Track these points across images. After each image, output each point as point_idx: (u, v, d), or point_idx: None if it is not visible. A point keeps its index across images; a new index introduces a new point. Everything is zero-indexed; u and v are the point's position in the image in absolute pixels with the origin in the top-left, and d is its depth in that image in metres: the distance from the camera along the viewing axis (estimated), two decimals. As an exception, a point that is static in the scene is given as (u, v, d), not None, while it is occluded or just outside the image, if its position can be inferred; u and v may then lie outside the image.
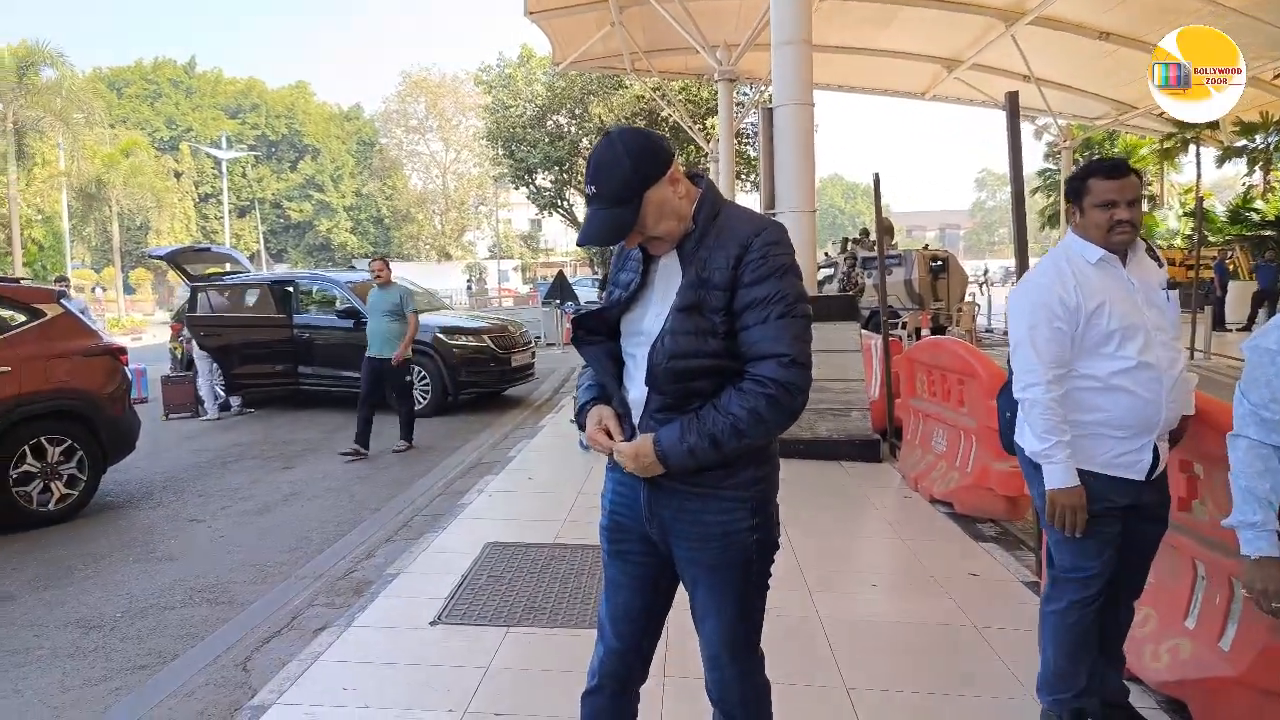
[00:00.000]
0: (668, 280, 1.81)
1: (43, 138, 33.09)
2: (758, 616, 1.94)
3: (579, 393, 2.01)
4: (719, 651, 1.91)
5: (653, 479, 1.81)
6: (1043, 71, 19.35)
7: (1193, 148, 27.45)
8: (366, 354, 7.63)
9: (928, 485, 5.49)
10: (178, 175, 51.91)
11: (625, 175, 1.72)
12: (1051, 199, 36.88)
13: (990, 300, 21.67)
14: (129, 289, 42.30)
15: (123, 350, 6.72)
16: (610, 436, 1.84)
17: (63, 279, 13.76)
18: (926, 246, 17.85)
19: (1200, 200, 17.27)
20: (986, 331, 18.13)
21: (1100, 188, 2.45)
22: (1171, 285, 2.62)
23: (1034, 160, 38.30)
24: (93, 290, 32.63)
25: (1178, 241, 28.12)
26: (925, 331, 13.80)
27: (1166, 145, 28.73)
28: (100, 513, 5.99)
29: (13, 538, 5.35)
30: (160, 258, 11.98)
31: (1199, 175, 27.56)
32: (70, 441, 5.83)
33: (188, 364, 10.87)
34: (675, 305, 1.75)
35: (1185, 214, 29.48)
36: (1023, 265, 4.24)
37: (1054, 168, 35.47)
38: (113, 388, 6.19)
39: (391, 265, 8.15)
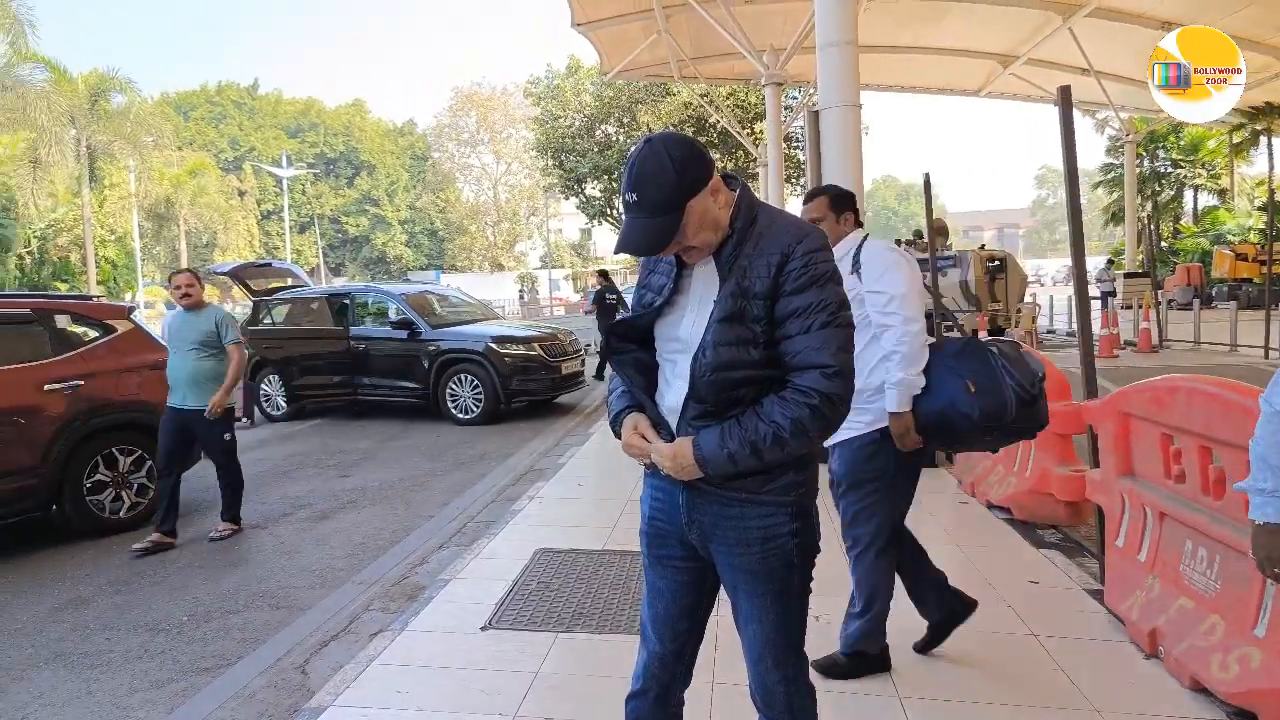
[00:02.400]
0: (705, 287, 1.80)
1: (114, 161, 34.52)
2: (800, 621, 1.92)
3: (611, 400, 1.99)
4: (762, 656, 1.89)
5: (692, 484, 1.81)
6: (1102, 64, 18.84)
7: (1263, 140, 26.34)
8: (168, 403, 5.62)
9: (984, 490, 5.36)
10: (241, 194, 53.67)
11: (669, 184, 1.67)
12: (1114, 194, 35.77)
13: (1051, 301, 21.07)
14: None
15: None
16: (646, 441, 1.84)
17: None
18: (983, 246, 17.44)
19: (1272, 194, 16.57)
20: (1048, 333, 17.64)
21: None
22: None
23: (1096, 155, 37.39)
24: (165, 306, 33.91)
25: (1251, 237, 26.98)
26: (982, 334, 13.48)
27: (1236, 138, 27.65)
28: (168, 520, 6.19)
29: (86, 544, 5.58)
30: (224, 274, 12.37)
31: (1270, 168, 26.44)
32: (140, 452, 6.05)
33: (251, 374, 11.20)
34: (716, 315, 1.73)
35: (1258, 208, 28.29)
36: (1079, 265, 4.13)
37: (1117, 162, 34.44)
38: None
39: (444, 276, 8.14)
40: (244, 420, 10.71)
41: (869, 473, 3.04)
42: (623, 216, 1.80)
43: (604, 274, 14.70)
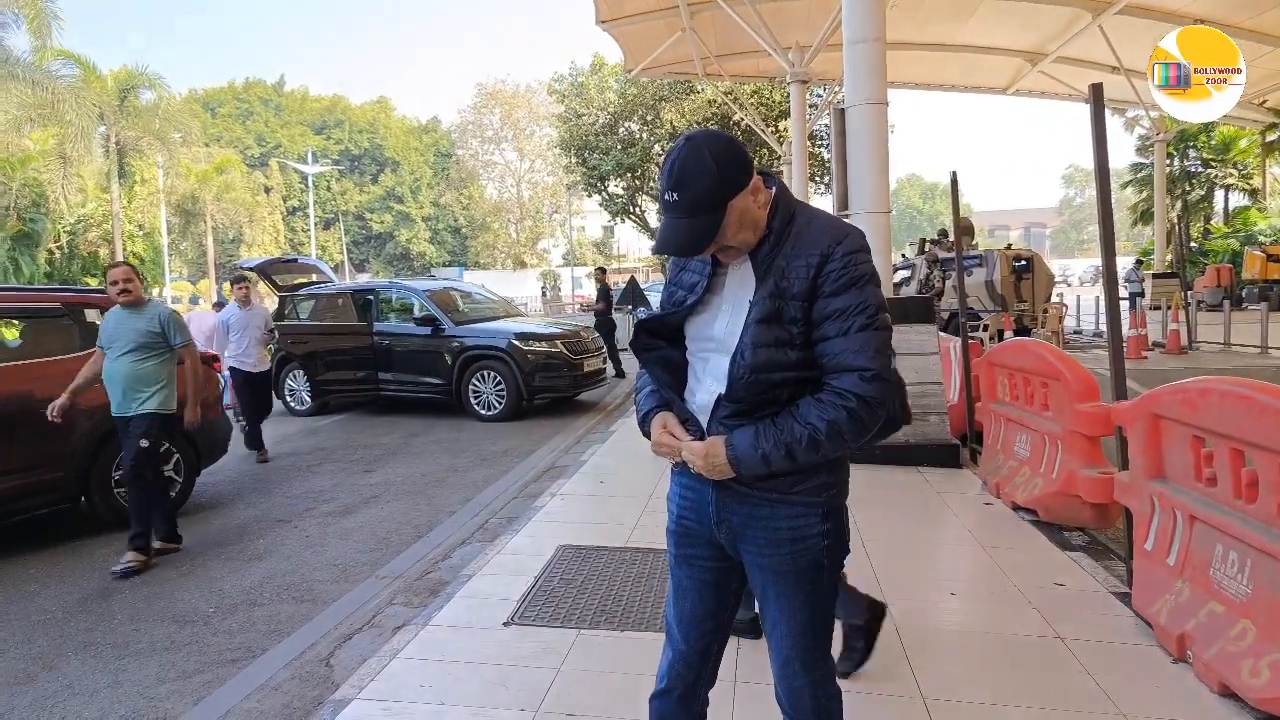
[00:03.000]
0: (740, 286, 1.78)
1: (142, 157, 34.99)
2: (829, 623, 1.90)
3: (639, 399, 1.98)
4: (790, 658, 1.88)
5: (722, 484, 1.80)
6: (1133, 62, 18.56)
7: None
8: (114, 413, 5.15)
9: (1010, 492, 5.30)
10: (267, 190, 54.26)
11: (710, 184, 1.63)
12: (1144, 194, 35.27)
13: (1079, 301, 20.80)
14: (222, 300, 44.37)
15: (215, 358, 7.04)
16: (676, 439, 1.83)
17: (219, 303, 14.89)
18: (1009, 246, 17.24)
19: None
20: (1075, 334, 17.42)
21: None
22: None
23: (1125, 154, 36.95)
24: (190, 301, 34.35)
25: (1285, 237, 26.47)
26: (1008, 334, 13.33)
27: (1269, 137, 27.15)
28: (194, 513, 6.28)
29: (115, 537, 5.65)
30: (250, 269, 12.49)
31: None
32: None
33: (277, 370, 11.31)
34: (754, 317, 1.71)
35: (1291, 208, 27.75)
36: (1110, 265, 4.07)
37: (1146, 162, 33.94)
38: (206, 393, 6.48)
39: (467, 273, 8.23)
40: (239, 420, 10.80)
41: None
42: (644, 215, 1.80)
43: (602, 270, 15.34)
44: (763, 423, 1.71)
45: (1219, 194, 35.37)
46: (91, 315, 6.13)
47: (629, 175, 33.28)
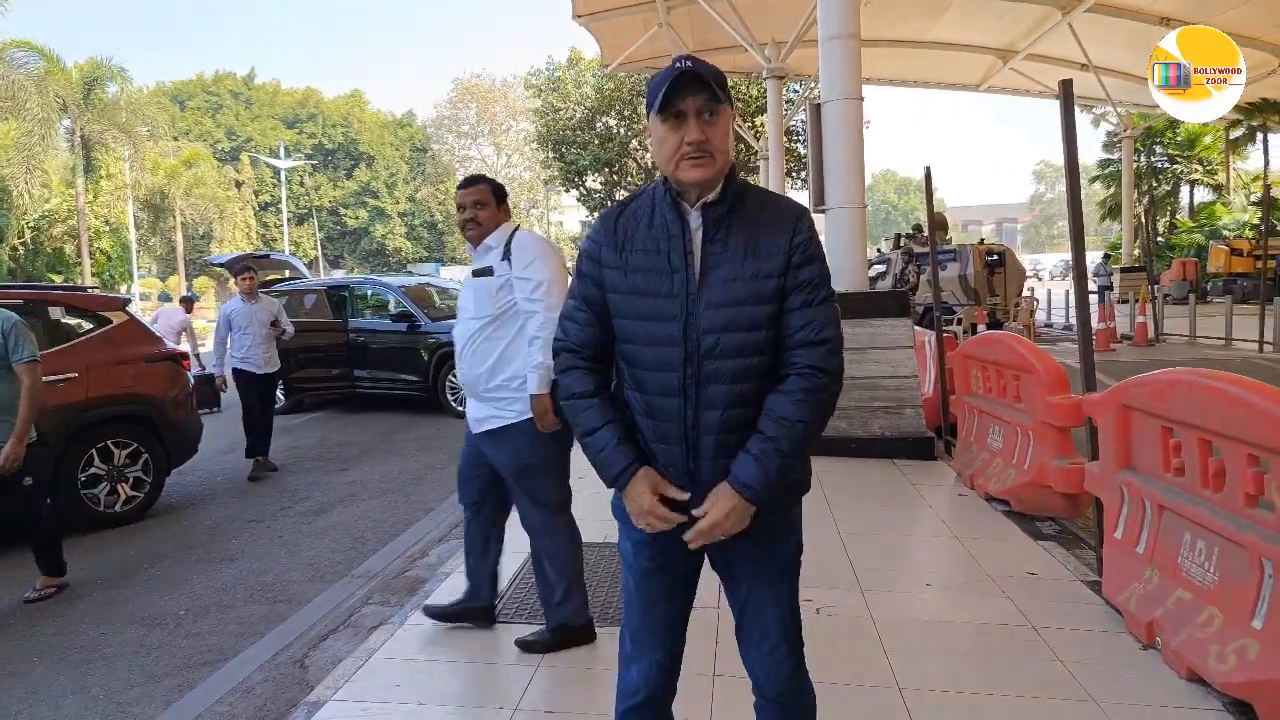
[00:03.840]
0: (726, 264, 1.71)
1: (108, 151, 34.34)
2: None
3: (591, 440, 1.80)
4: (779, 643, 1.87)
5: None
6: (1101, 59, 18.83)
7: (1260, 135, 26.33)
8: None
9: (984, 483, 5.36)
10: (238, 185, 53.44)
11: (720, 73, 1.70)
12: (1111, 189, 35.78)
13: (1049, 295, 21.07)
14: (191, 296, 43.73)
15: (185, 356, 6.95)
16: (671, 504, 1.73)
17: (187, 299, 14.38)
18: (982, 241, 17.43)
19: (1268, 189, 16.58)
20: (1046, 327, 17.64)
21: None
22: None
23: (1093, 150, 37.41)
24: (160, 298, 33.84)
25: (1246, 232, 27.00)
26: (981, 328, 13.49)
27: (1233, 133, 27.66)
28: (165, 514, 6.19)
29: (81, 538, 5.56)
30: (221, 265, 12.35)
31: (1266, 163, 26.45)
32: (136, 445, 6.03)
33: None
34: (727, 299, 1.68)
35: (1253, 203, 28.30)
36: (1079, 259, 4.12)
37: (1114, 158, 34.43)
38: (175, 392, 6.39)
39: (443, 269, 8.11)
40: (212, 409, 10.74)
41: (535, 457, 3.22)
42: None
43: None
44: (757, 446, 1.68)
45: (1185, 189, 35.99)
46: (56, 313, 6.01)
47: (606, 170, 33.19)
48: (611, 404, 1.82)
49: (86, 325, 6.11)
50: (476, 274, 3.23)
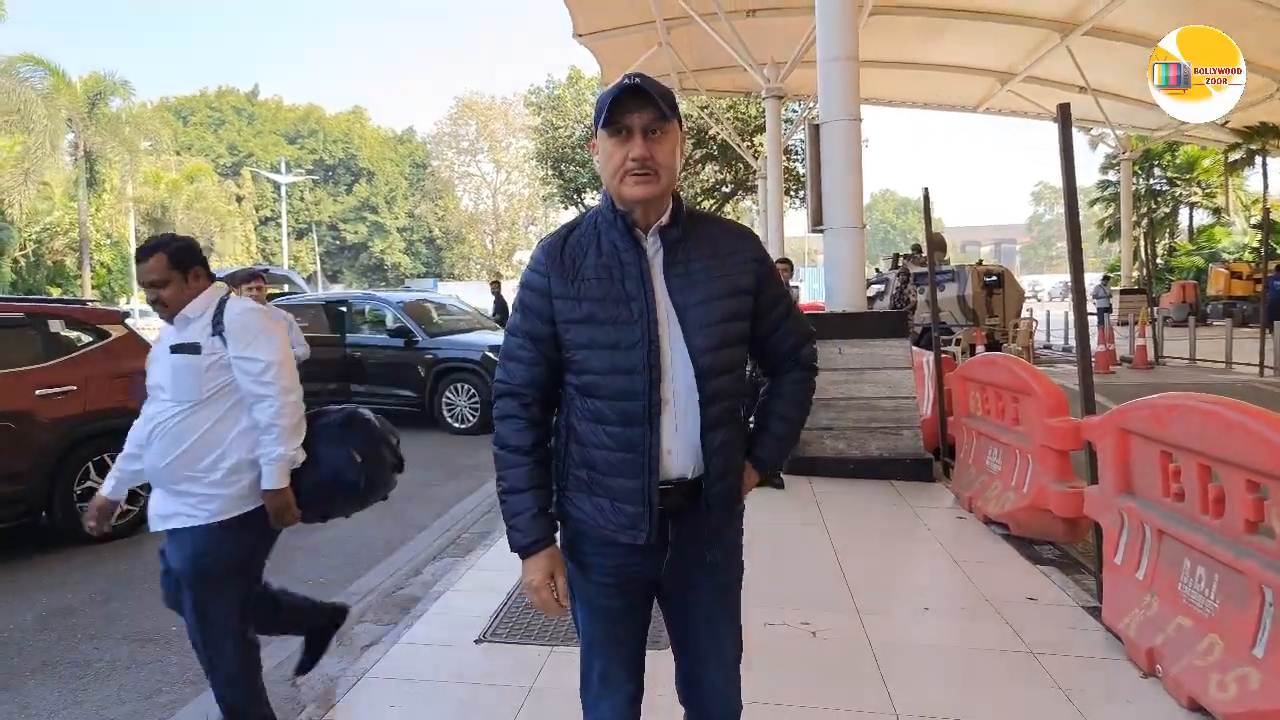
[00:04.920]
0: (702, 285, 1.73)
1: (111, 164, 34.48)
2: None
3: (512, 500, 1.78)
4: (733, 671, 1.91)
5: (682, 524, 1.77)
6: (1099, 82, 18.97)
7: (1259, 158, 26.50)
8: None
9: (982, 506, 5.34)
10: (239, 199, 53.64)
11: (668, 91, 1.69)
12: (1110, 210, 35.96)
13: (1048, 317, 21.11)
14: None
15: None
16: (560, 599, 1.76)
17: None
18: (981, 262, 17.49)
19: (1267, 213, 16.66)
20: (1045, 348, 17.66)
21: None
22: None
23: (1091, 172, 37.59)
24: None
25: (1246, 255, 27.10)
26: (980, 349, 13.50)
27: (1232, 156, 27.82)
28: (160, 528, 6.14)
29: (76, 551, 5.52)
30: (221, 280, 12.33)
31: (1265, 187, 26.59)
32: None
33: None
34: (715, 318, 1.71)
35: (1253, 226, 28.43)
36: (1078, 281, 4.13)
37: (1113, 179, 34.62)
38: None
39: (441, 285, 8.07)
40: None
41: (225, 561, 2.77)
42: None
43: (496, 284, 15.93)
44: (773, 429, 1.92)
45: (1184, 212, 36.16)
46: (55, 326, 6.00)
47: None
48: (542, 466, 1.79)
49: (85, 338, 6.10)
50: (176, 349, 2.69)
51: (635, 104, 1.63)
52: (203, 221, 41.47)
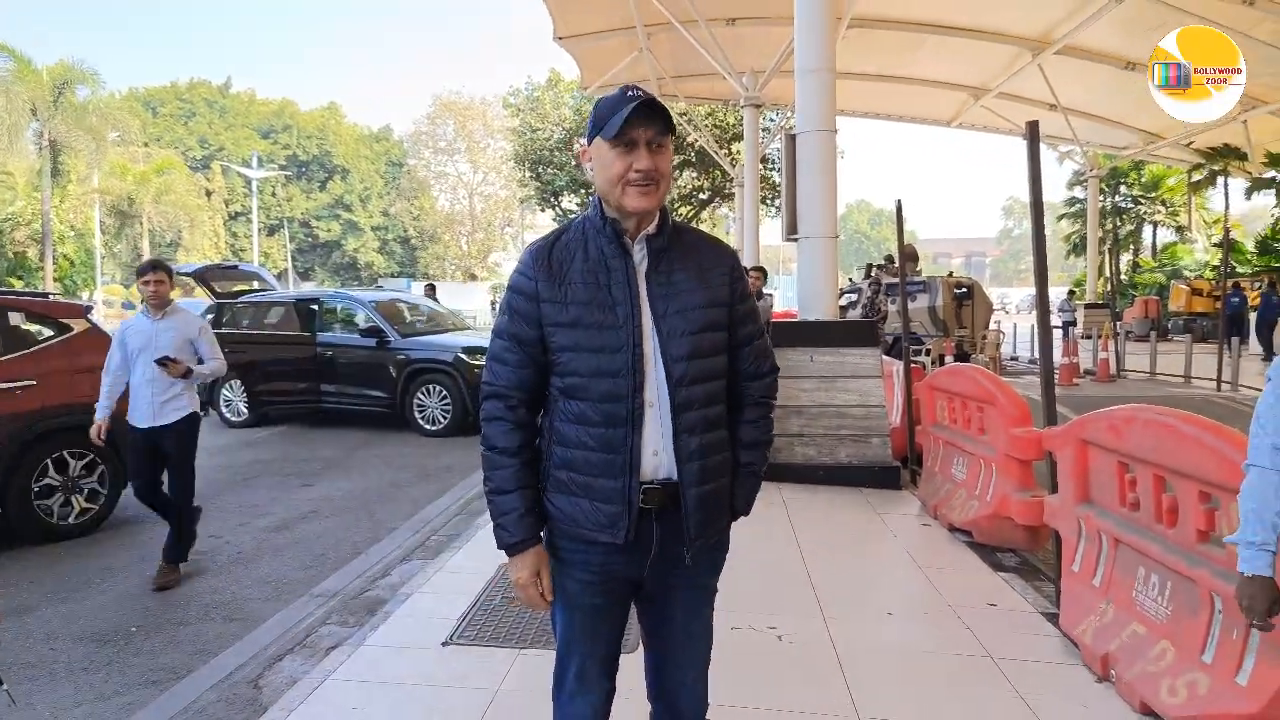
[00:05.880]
0: (683, 294, 1.79)
1: (76, 155, 33.83)
2: None
3: (499, 500, 1.80)
4: (704, 666, 1.97)
5: (669, 528, 1.80)
6: (1069, 100, 19.32)
7: (1221, 179, 27.16)
8: None
9: (947, 513, 5.42)
10: (209, 194, 52.88)
11: (667, 111, 1.75)
12: (1077, 226, 36.63)
13: (1015, 329, 21.45)
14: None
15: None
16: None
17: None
18: (952, 273, 17.72)
19: (1227, 232, 17.06)
20: (1012, 359, 17.93)
21: None
22: None
23: (1061, 188, 38.23)
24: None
25: (1207, 273, 27.74)
26: (949, 359, 13.67)
27: (1195, 176, 28.47)
28: (120, 527, 6.04)
29: (32, 551, 5.42)
30: (188, 275, 12.15)
31: (1226, 207, 27.26)
32: (92, 455, 5.89)
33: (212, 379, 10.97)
34: (693, 328, 1.76)
35: (1214, 245, 29.11)
36: (1043, 294, 4.21)
37: (1080, 196, 35.27)
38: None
39: (414, 285, 7.99)
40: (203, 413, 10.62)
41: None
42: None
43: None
44: (742, 475, 1.91)
45: (1148, 229, 36.93)
46: (15, 318, 5.89)
47: (583, 191, 33.31)
48: (529, 467, 1.81)
49: (46, 332, 5.99)
50: None
51: (645, 119, 1.69)
52: (171, 215, 40.85)
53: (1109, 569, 3.43)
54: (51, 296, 7.69)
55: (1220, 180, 27.31)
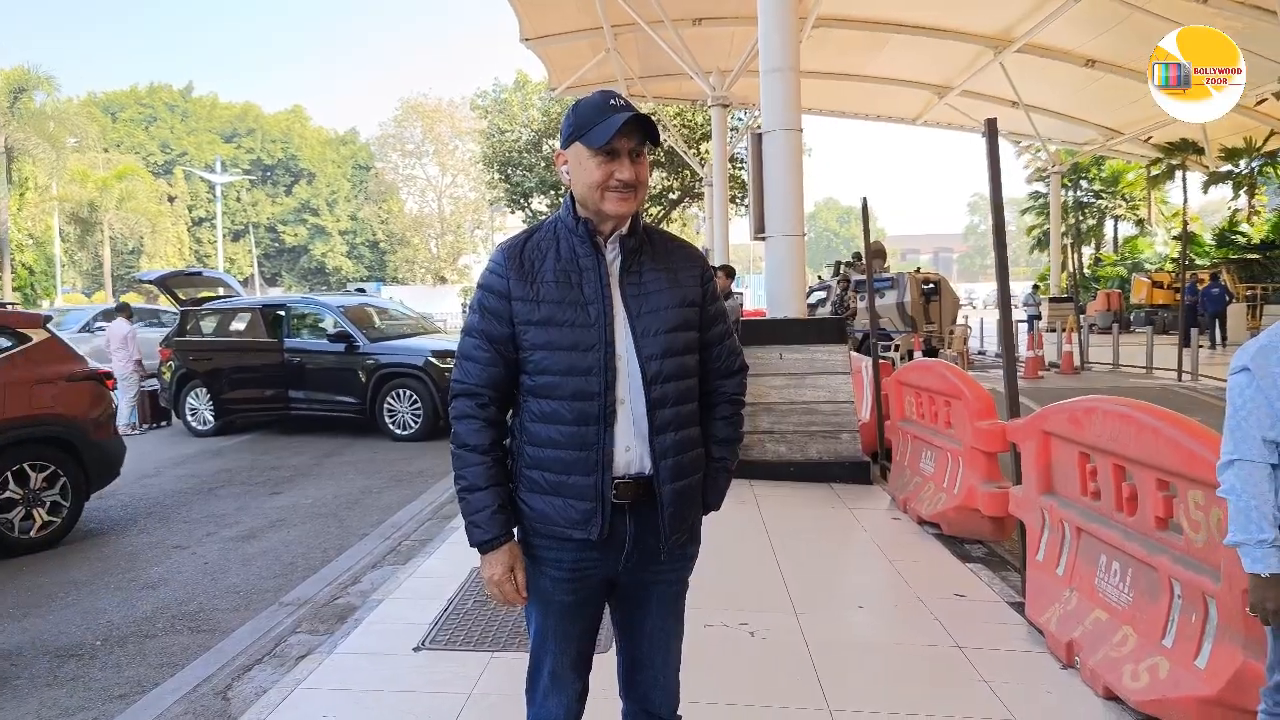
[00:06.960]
0: (656, 294, 1.81)
1: (35, 162, 33.13)
2: None
3: (471, 498, 1.79)
4: (675, 667, 1.99)
5: (643, 527, 1.81)
6: (1031, 98, 19.62)
7: (1179, 173, 27.75)
8: None
9: (916, 506, 5.49)
10: (171, 199, 52.02)
11: (654, 124, 1.77)
12: (1040, 221, 37.19)
13: (982, 324, 21.76)
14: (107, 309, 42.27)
15: (109, 375, 6.71)
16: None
17: (124, 306, 12.77)
18: (919, 269, 17.94)
19: (1186, 224, 17.44)
20: (979, 354, 18.19)
21: None
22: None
23: (1020, 185, 38.80)
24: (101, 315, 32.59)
25: (1167, 265, 28.32)
26: (917, 354, 13.84)
27: (1154, 171, 29.04)
28: (83, 540, 5.93)
29: (-9, 564, 5.31)
30: (150, 282, 11.98)
31: (1185, 200, 27.85)
32: (53, 468, 5.77)
33: (176, 387, 10.82)
34: (666, 326, 1.79)
35: (1173, 238, 29.71)
36: (1004, 289, 4.28)
37: (1043, 191, 35.82)
38: (97, 413, 6.15)
39: (386, 288, 7.96)
40: (139, 427, 10.87)
41: None
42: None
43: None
44: (712, 468, 1.93)
45: (1110, 223, 37.61)
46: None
47: (552, 193, 33.25)
48: (500, 464, 1.82)
49: (4, 343, 5.86)
50: None
51: (628, 129, 1.71)
52: (132, 222, 40.13)
53: (1072, 557, 3.49)
54: (10, 306, 7.52)
55: (1179, 174, 27.90)
